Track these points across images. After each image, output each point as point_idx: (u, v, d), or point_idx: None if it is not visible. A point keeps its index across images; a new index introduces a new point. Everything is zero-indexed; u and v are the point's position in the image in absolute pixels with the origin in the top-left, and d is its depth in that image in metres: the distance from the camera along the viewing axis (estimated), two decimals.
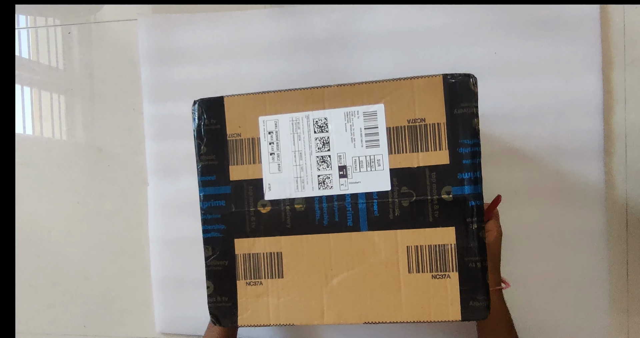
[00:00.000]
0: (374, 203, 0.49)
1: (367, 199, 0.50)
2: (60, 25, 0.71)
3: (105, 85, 0.70)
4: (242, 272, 0.52)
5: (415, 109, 0.49)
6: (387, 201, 0.49)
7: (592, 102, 0.61)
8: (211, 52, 0.67)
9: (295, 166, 0.51)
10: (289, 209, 0.51)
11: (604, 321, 0.62)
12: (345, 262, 0.50)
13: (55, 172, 0.72)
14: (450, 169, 0.48)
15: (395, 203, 0.49)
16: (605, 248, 0.62)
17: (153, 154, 0.68)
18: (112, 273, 0.71)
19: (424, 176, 0.49)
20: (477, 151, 0.48)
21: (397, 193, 0.49)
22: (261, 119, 0.51)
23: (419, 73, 0.63)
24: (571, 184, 0.62)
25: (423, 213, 0.49)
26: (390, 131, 0.49)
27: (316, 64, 0.65)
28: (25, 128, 0.73)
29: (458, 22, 0.63)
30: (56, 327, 0.73)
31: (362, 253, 0.50)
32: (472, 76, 0.48)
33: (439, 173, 0.48)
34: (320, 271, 0.51)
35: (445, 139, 0.48)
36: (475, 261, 0.48)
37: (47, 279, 0.73)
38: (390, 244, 0.49)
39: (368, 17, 0.64)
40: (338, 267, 0.50)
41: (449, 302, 0.49)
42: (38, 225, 0.73)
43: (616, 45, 0.62)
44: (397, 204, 0.49)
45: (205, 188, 0.52)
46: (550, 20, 0.62)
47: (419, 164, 0.49)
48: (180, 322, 0.69)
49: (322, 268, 0.51)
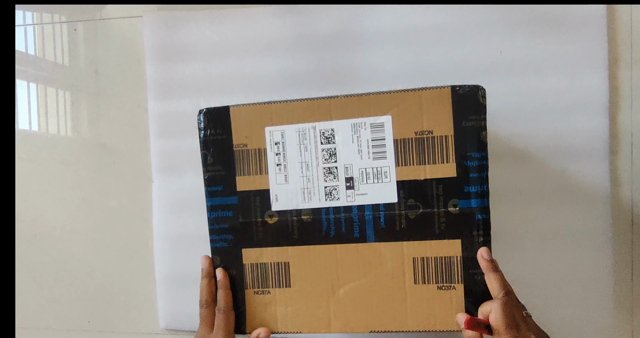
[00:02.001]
0: (381, 214, 0.50)
1: (374, 211, 0.50)
2: (66, 22, 0.72)
3: (111, 82, 0.70)
4: (250, 281, 0.53)
5: (423, 121, 0.49)
6: (394, 213, 0.49)
7: (598, 101, 0.61)
8: (216, 50, 0.67)
9: (302, 177, 0.51)
10: (296, 220, 0.51)
11: (608, 321, 0.62)
12: (351, 273, 0.51)
13: (60, 168, 0.72)
14: (457, 182, 0.48)
15: (402, 215, 0.49)
16: (610, 247, 0.62)
17: (158, 151, 0.69)
18: (117, 269, 0.72)
19: (431, 189, 0.49)
20: (485, 164, 0.48)
21: (404, 205, 0.49)
22: (267, 129, 0.51)
23: (424, 72, 0.63)
24: (576, 183, 0.61)
25: (429, 225, 0.49)
26: (398, 143, 0.49)
27: (321, 62, 0.65)
28: (31, 124, 0.73)
29: (463, 21, 0.63)
30: (60, 322, 0.74)
31: (369, 264, 0.50)
32: (480, 88, 0.48)
33: (445, 185, 0.48)
34: (327, 281, 0.51)
35: (453, 152, 0.48)
36: (480, 273, 0.49)
37: (51, 275, 0.74)
38: (396, 255, 0.50)
39: (373, 15, 0.64)
40: (345, 277, 0.51)
41: (453, 312, 0.49)
42: (43, 221, 0.73)
43: (623, 43, 0.61)
44: (404, 216, 0.49)
45: (213, 199, 0.52)
46: (556, 19, 0.61)
47: (425, 177, 0.49)
48: (184, 318, 0.69)
49: (329, 278, 0.51)
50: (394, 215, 0.49)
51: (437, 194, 0.49)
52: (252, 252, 0.52)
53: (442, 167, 0.48)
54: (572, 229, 0.62)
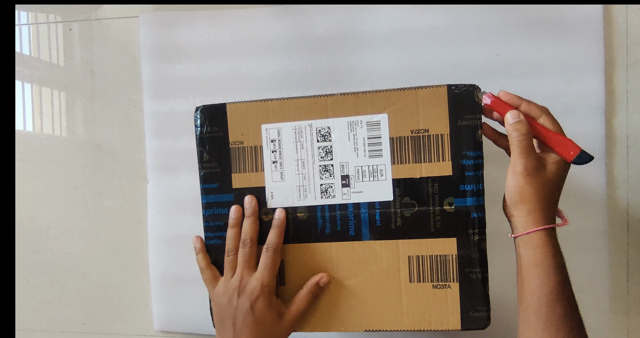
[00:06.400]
0: (376, 212, 0.50)
1: (370, 209, 0.50)
2: (61, 22, 0.71)
3: (106, 82, 0.70)
4: None
5: (419, 120, 0.49)
6: (389, 211, 0.49)
7: (594, 103, 0.61)
8: (212, 50, 0.67)
9: (298, 174, 0.51)
10: (291, 217, 0.51)
11: (603, 322, 0.62)
12: (346, 271, 0.50)
13: (55, 169, 0.72)
14: (452, 181, 0.48)
15: (397, 213, 0.49)
16: (605, 249, 0.62)
17: (153, 151, 0.68)
18: (111, 270, 0.71)
19: (427, 187, 0.49)
20: (480, 163, 0.48)
21: (400, 203, 0.49)
22: (264, 127, 0.51)
23: (420, 73, 0.63)
24: (572, 185, 0.61)
25: (425, 224, 0.49)
26: (394, 141, 0.49)
27: (318, 63, 0.65)
28: (26, 125, 0.73)
29: (460, 23, 0.63)
30: (55, 324, 0.73)
31: (364, 262, 0.50)
32: (476, 87, 0.48)
33: (441, 184, 0.48)
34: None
35: (449, 150, 0.48)
36: (476, 272, 0.49)
37: (45, 276, 0.73)
38: (391, 253, 0.50)
39: (370, 16, 0.64)
40: (340, 276, 0.51)
41: (449, 311, 0.49)
42: (37, 221, 0.73)
43: (619, 46, 0.62)
44: (399, 214, 0.49)
45: (208, 196, 0.52)
46: (552, 22, 0.62)
47: (421, 175, 0.49)
48: (178, 319, 0.68)
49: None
50: (389, 213, 0.49)
51: (433, 192, 0.49)
52: None
53: (438, 165, 0.48)
54: (568, 230, 0.62)
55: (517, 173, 0.45)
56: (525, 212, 0.46)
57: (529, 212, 0.45)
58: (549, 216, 0.46)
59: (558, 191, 0.47)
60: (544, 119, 0.46)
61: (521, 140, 0.45)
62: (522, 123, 0.45)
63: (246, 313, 0.48)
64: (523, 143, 0.45)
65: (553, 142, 0.46)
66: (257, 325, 0.48)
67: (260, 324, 0.48)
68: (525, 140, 0.45)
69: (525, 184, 0.45)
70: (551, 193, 0.46)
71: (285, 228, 0.51)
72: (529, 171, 0.45)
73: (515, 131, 0.45)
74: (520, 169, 0.45)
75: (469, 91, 0.48)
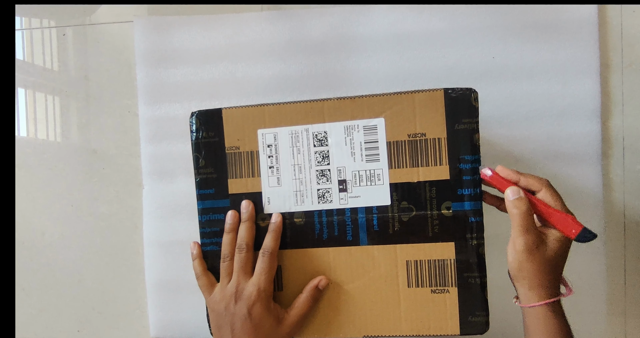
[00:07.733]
0: (374, 217, 0.49)
1: (367, 214, 0.49)
2: (55, 27, 0.71)
3: (101, 87, 0.70)
4: None
5: (416, 124, 0.48)
6: (387, 216, 0.49)
7: (589, 105, 0.61)
8: (207, 55, 0.66)
9: (295, 179, 0.50)
10: (288, 223, 0.51)
11: (601, 324, 0.62)
12: (344, 276, 0.50)
13: (49, 174, 0.71)
14: (450, 185, 0.48)
15: (395, 218, 0.49)
16: (602, 251, 0.62)
17: (148, 156, 0.68)
18: (107, 276, 0.71)
19: (424, 191, 0.49)
20: (478, 167, 0.48)
21: (397, 207, 0.49)
22: (260, 132, 0.51)
23: (416, 77, 0.63)
24: (569, 187, 0.62)
25: (423, 228, 0.49)
26: (391, 145, 0.49)
27: (313, 67, 0.65)
28: (20, 130, 0.72)
29: (456, 26, 0.63)
30: (49, 331, 0.73)
31: (362, 267, 0.50)
32: (473, 91, 0.48)
33: (439, 188, 0.48)
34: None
35: (446, 154, 0.48)
36: (474, 277, 0.48)
37: (40, 282, 0.72)
38: (389, 258, 0.49)
39: (365, 20, 0.64)
40: (338, 281, 0.50)
41: (447, 316, 0.49)
42: (31, 227, 0.72)
43: (614, 48, 0.62)
44: (397, 218, 0.49)
45: (204, 202, 0.52)
46: (548, 25, 0.62)
47: (419, 179, 0.49)
48: (174, 326, 0.68)
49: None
50: (387, 218, 0.49)
51: (431, 196, 0.48)
52: None
53: (435, 169, 0.48)
54: None
55: (518, 250, 0.45)
56: (527, 287, 0.46)
57: (531, 287, 0.45)
58: (551, 290, 0.46)
59: (561, 266, 0.47)
60: (544, 192, 0.46)
61: (521, 218, 0.45)
62: (522, 200, 0.45)
63: (244, 319, 0.48)
64: (524, 221, 0.45)
65: (554, 219, 0.46)
66: (255, 330, 0.48)
67: (259, 330, 0.48)
68: (525, 218, 0.45)
69: (526, 261, 0.45)
70: (553, 267, 0.46)
71: (283, 233, 0.51)
72: (530, 249, 0.45)
73: (515, 209, 0.45)
74: (520, 247, 0.45)
75: (466, 95, 0.48)
